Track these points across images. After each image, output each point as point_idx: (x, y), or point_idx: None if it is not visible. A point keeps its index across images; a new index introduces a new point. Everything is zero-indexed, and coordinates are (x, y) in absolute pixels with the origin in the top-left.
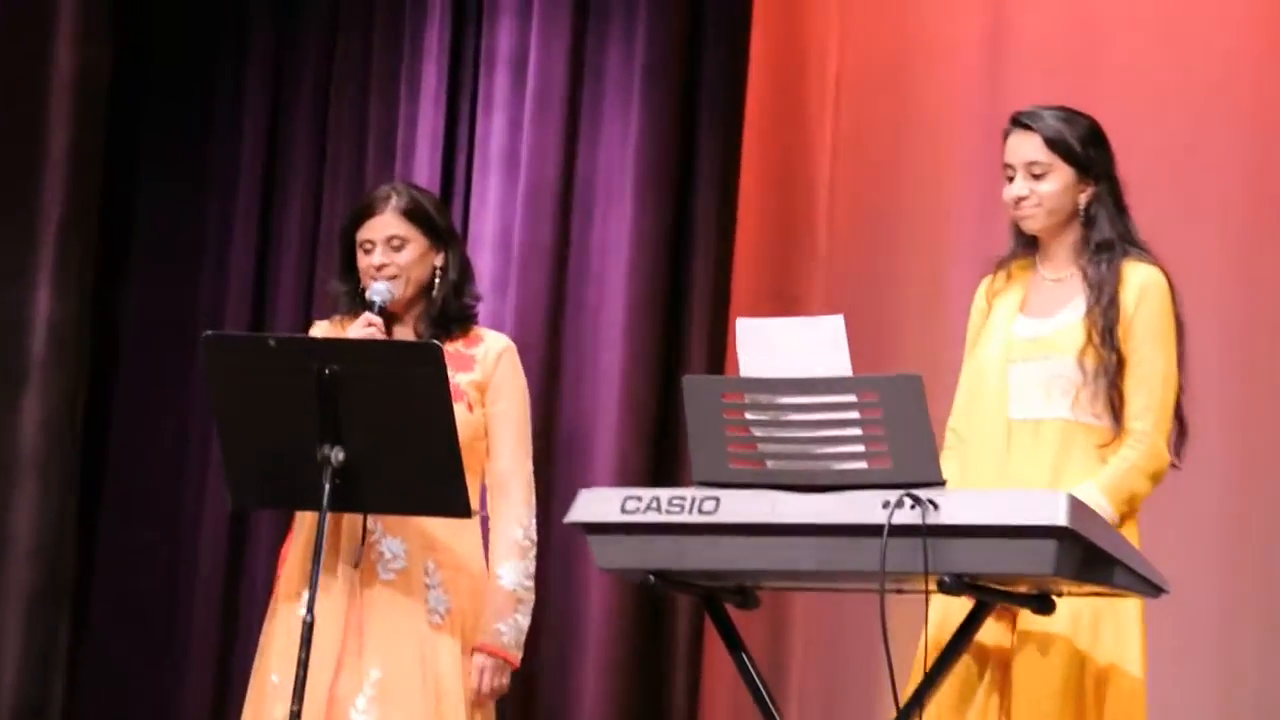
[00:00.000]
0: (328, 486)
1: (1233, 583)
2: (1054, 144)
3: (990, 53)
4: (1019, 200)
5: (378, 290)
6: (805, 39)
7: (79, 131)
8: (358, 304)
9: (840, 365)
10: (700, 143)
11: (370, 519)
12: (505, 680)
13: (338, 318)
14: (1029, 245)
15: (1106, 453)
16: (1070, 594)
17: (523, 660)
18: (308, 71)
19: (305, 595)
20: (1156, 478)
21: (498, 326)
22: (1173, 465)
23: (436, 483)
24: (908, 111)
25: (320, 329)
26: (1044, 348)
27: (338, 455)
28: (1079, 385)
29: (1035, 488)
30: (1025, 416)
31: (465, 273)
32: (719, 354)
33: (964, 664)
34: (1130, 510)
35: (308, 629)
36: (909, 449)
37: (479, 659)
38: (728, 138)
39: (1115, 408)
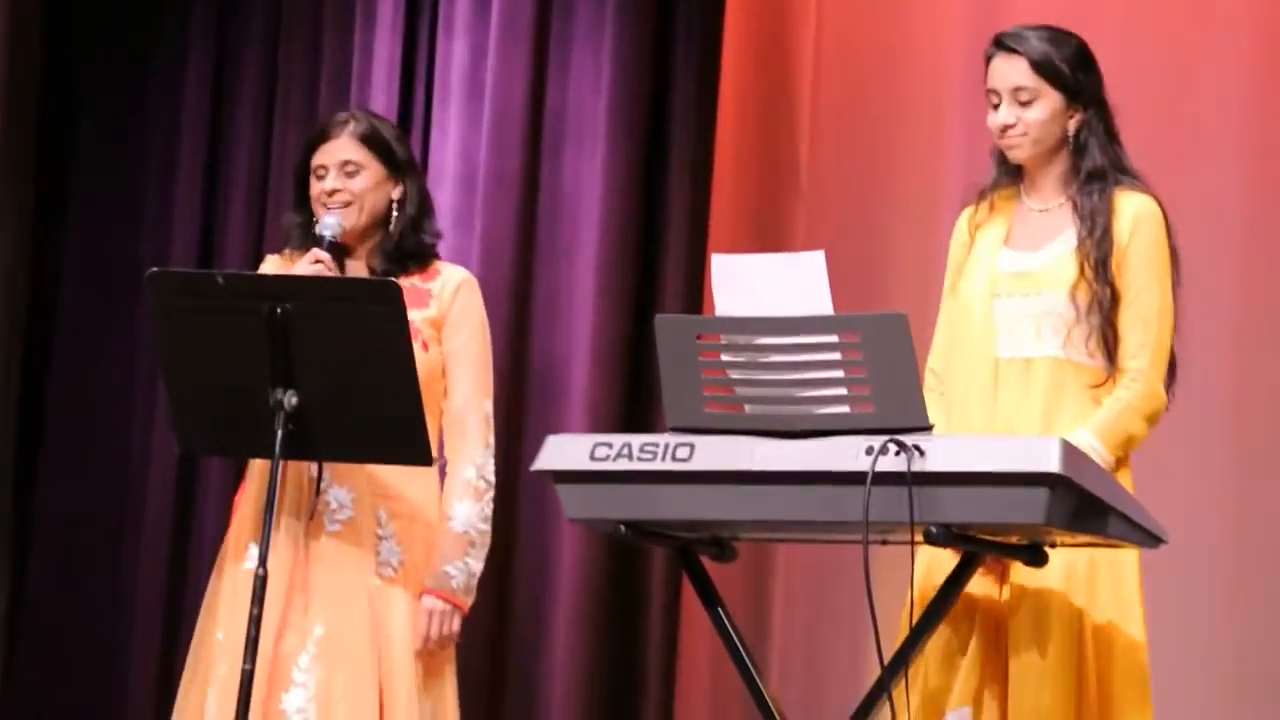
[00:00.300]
0: (280, 432)
1: (1240, 550)
2: (1041, 67)
3: None
4: (1005, 129)
5: (327, 224)
6: None
7: (10, 67)
8: (311, 238)
9: (821, 304)
10: (676, 70)
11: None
12: (455, 626)
13: (288, 252)
14: (1013, 174)
15: (1100, 393)
16: (1063, 544)
17: (494, 612)
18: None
19: (253, 548)
20: (1153, 419)
21: (463, 262)
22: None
23: (396, 429)
24: (896, 34)
25: (271, 264)
26: (1033, 282)
27: (290, 399)
28: (1071, 322)
29: (1026, 430)
30: (1014, 355)
31: (425, 207)
32: (696, 294)
33: (952, 618)
34: (1126, 454)
35: (260, 583)
36: (893, 392)
37: (426, 601)
38: (705, 66)
39: (1109, 345)
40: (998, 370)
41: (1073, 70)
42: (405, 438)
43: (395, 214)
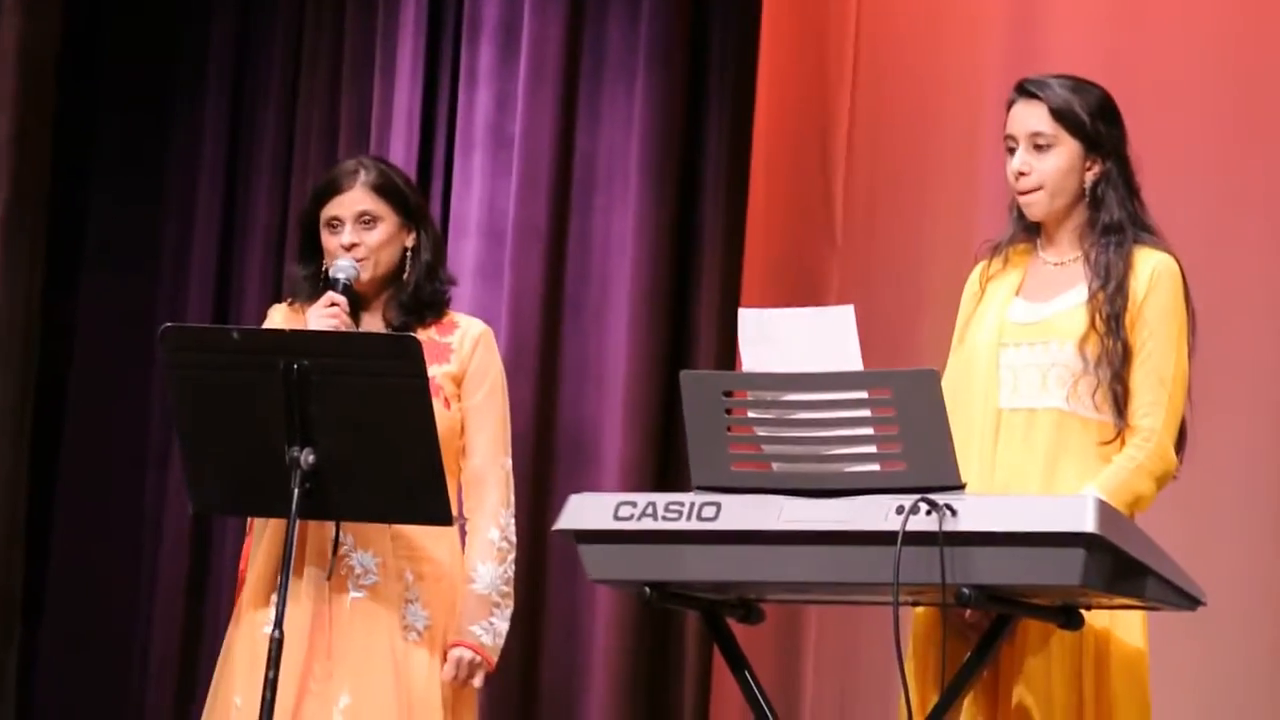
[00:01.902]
0: (297, 492)
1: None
2: (1061, 115)
3: (1020, 21)
4: (1019, 175)
5: (341, 267)
6: (822, 9)
7: (22, 110)
8: (320, 289)
9: (851, 359)
10: (709, 118)
11: (340, 529)
12: (480, 679)
13: (298, 304)
14: (1030, 228)
15: (1108, 450)
16: (1099, 606)
17: (522, 675)
18: (275, 48)
19: (271, 610)
20: (1163, 481)
21: (491, 316)
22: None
23: (416, 488)
24: (931, 87)
25: (278, 314)
26: (1041, 332)
27: (308, 458)
28: (1078, 374)
29: (1027, 483)
30: (1017, 405)
31: (438, 253)
32: (728, 349)
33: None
34: (1132, 515)
35: (277, 645)
36: (925, 450)
37: (455, 652)
38: (738, 116)
39: (1119, 402)
40: (999, 420)
41: (1093, 120)
42: (426, 497)
43: (409, 262)
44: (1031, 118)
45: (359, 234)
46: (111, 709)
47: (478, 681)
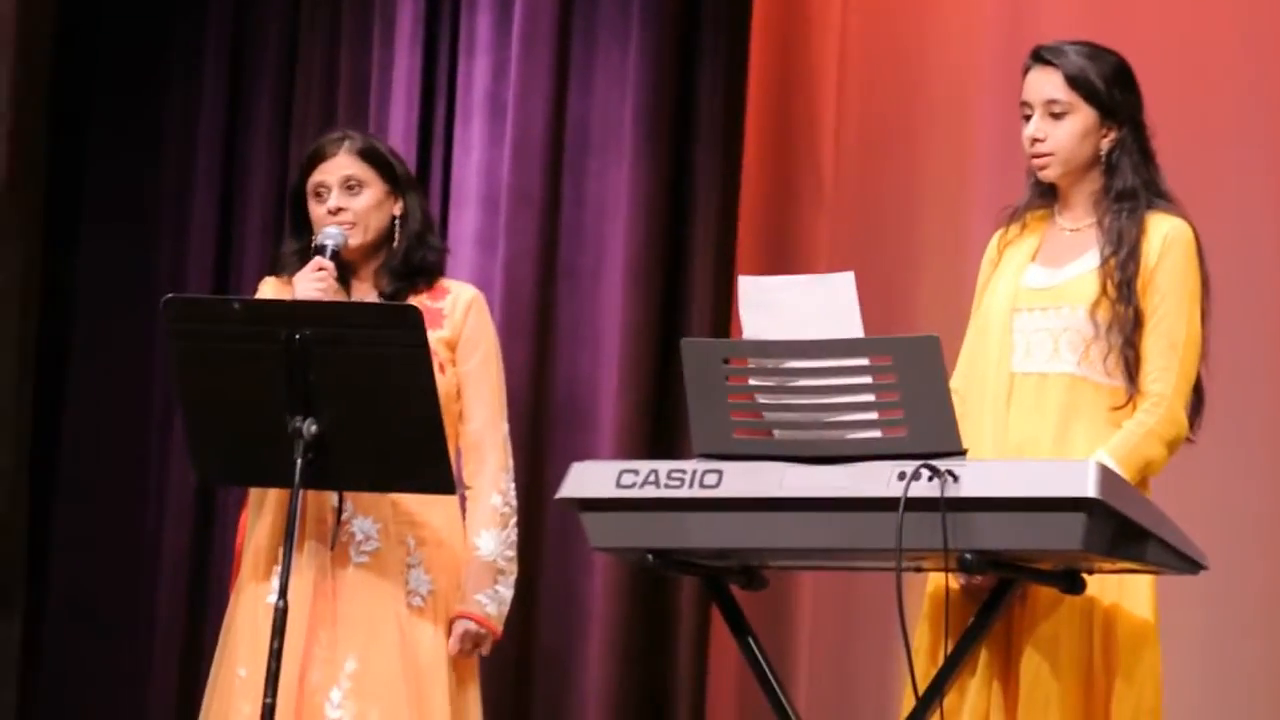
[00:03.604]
0: (300, 462)
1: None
2: (1076, 82)
3: None
4: (1034, 141)
5: (329, 234)
6: None
7: (19, 75)
8: (309, 259)
9: (851, 326)
10: (701, 82)
11: (342, 496)
12: (486, 648)
13: (288, 276)
14: (1047, 194)
15: (1120, 415)
16: (1101, 570)
17: (519, 643)
18: (272, 14)
19: (274, 580)
20: (1174, 446)
21: (487, 284)
22: (1188, 439)
23: (418, 457)
24: (921, 49)
25: (269, 286)
26: (1054, 297)
27: (310, 428)
28: (1089, 339)
29: (1039, 447)
30: (1030, 370)
31: (427, 221)
32: (723, 314)
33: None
34: (1144, 480)
35: (281, 615)
36: (926, 416)
37: (460, 624)
38: (731, 77)
39: (1130, 367)
40: (1012, 384)
41: (1109, 86)
42: (428, 466)
43: (398, 229)
44: (1047, 85)
45: (345, 199)
46: (117, 681)
47: (485, 649)
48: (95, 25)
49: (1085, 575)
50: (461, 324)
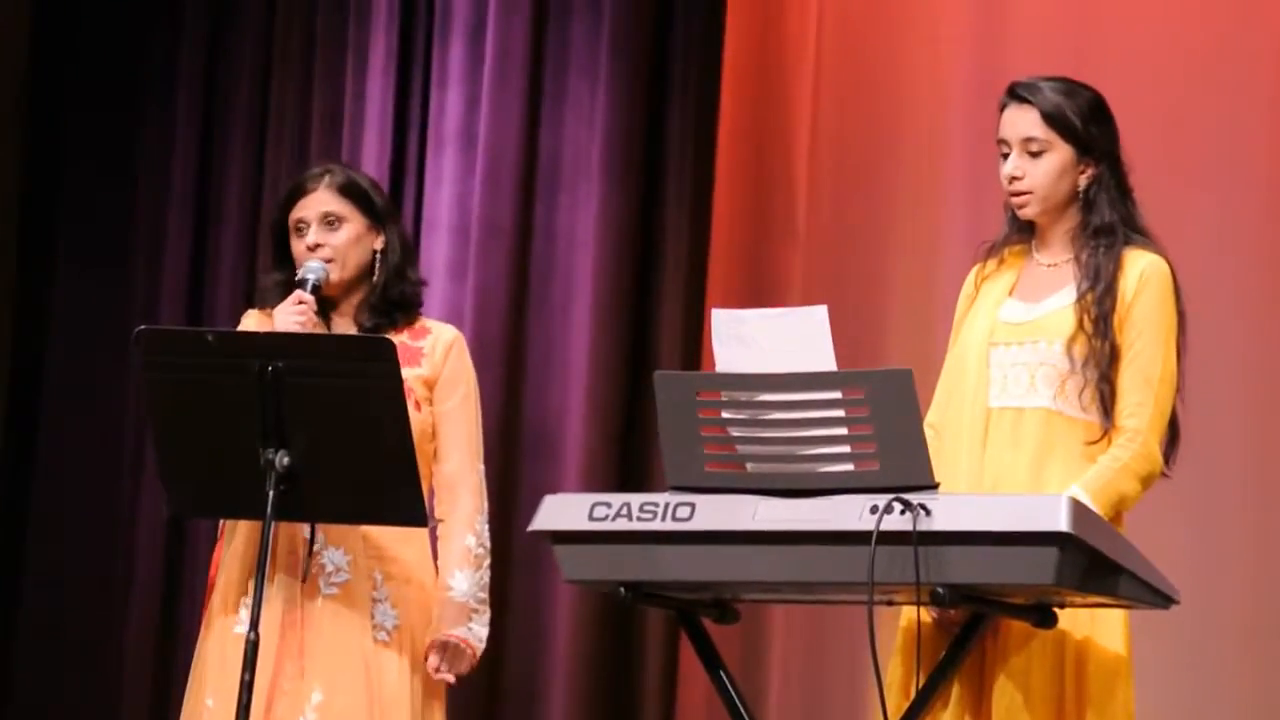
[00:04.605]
0: (272, 493)
1: (1257, 596)
2: (1052, 119)
3: (983, 14)
4: (1012, 180)
5: (311, 269)
6: (784, 4)
7: None
8: (290, 293)
9: (824, 359)
10: (671, 120)
11: (314, 528)
12: (465, 666)
13: (269, 310)
14: (1024, 229)
15: (1095, 450)
16: (1073, 604)
17: (487, 674)
18: (246, 45)
19: (241, 613)
20: (1148, 481)
21: (456, 314)
22: (1163, 474)
23: (390, 490)
24: (894, 83)
25: (252, 318)
26: (1030, 331)
27: (282, 460)
28: (1065, 374)
29: (1014, 481)
30: (1006, 404)
31: (408, 255)
32: (693, 346)
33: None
34: (1118, 514)
35: (252, 647)
36: (898, 450)
37: (439, 638)
38: (701, 114)
39: (1105, 402)
40: (989, 419)
41: (1085, 123)
42: (400, 499)
43: (378, 263)
44: (1023, 122)
45: (324, 235)
46: (87, 712)
47: (463, 668)
48: (69, 58)
49: (1057, 609)
50: (441, 364)
